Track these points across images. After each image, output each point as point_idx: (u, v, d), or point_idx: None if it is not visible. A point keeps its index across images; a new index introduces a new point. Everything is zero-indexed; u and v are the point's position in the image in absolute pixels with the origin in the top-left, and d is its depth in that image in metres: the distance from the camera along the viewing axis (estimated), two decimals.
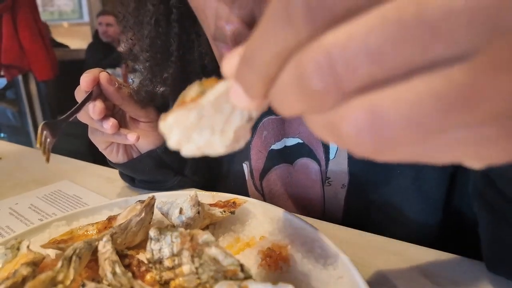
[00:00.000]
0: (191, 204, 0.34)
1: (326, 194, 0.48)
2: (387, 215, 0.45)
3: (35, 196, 0.58)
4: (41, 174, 0.67)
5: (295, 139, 0.50)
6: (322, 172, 0.48)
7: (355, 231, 0.43)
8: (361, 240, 0.41)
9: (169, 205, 0.37)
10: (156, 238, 0.29)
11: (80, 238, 0.34)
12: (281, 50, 0.12)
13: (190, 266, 0.27)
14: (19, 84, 2.77)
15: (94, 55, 3.28)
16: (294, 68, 0.12)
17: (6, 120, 3.48)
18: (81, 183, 0.62)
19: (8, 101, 3.50)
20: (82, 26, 4.39)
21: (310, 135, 0.49)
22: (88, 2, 4.23)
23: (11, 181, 0.65)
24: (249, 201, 0.41)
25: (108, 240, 0.29)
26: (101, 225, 0.36)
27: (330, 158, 0.48)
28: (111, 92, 0.45)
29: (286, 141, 0.51)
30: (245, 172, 0.55)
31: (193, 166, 0.57)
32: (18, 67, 2.50)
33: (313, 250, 0.33)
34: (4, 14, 2.35)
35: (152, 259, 0.29)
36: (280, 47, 0.12)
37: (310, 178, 0.49)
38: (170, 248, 0.28)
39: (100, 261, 0.28)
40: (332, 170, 0.48)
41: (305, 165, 0.49)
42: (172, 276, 0.28)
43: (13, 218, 0.51)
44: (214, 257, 0.26)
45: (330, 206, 0.48)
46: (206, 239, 0.27)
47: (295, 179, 0.51)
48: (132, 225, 0.33)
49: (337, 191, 0.47)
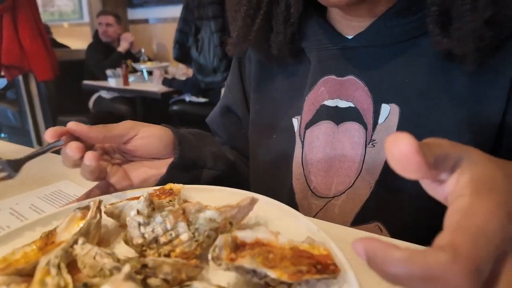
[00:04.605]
0: (147, 204, 0.35)
1: (367, 154, 0.50)
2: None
3: (36, 196, 0.58)
4: (42, 174, 0.67)
5: (348, 102, 0.51)
6: (368, 135, 0.50)
7: (355, 231, 0.43)
8: None
9: (120, 208, 0.38)
10: (146, 222, 0.32)
11: (20, 262, 0.31)
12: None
13: (188, 233, 0.31)
14: (19, 84, 2.77)
15: (94, 55, 3.29)
16: None
17: (6, 120, 3.48)
18: (81, 183, 0.62)
19: (9, 101, 3.51)
20: (82, 26, 4.39)
21: (363, 100, 0.50)
22: (88, 3, 4.23)
23: (11, 181, 0.65)
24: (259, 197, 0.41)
25: (84, 242, 0.29)
26: (41, 242, 0.34)
27: (378, 123, 0.49)
28: (85, 132, 0.44)
29: (338, 102, 0.52)
30: (295, 126, 0.56)
31: (212, 157, 0.57)
32: (19, 68, 2.51)
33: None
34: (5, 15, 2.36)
35: (146, 242, 0.31)
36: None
37: (352, 140, 0.51)
38: (163, 225, 0.31)
39: (84, 263, 0.28)
40: (379, 132, 0.49)
41: (349, 129, 0.51)
42: (171, 249, 0.31)
43: (14, 218, 0.51)
44: (210, 218, 0.32)
45: (368, 167, 0.50)
46: (198, 208, 0.32)
47: (337, 140, 0.52)
48: (91, 228, 0.34)
49: (380, 151, 0.49)
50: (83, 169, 0.45)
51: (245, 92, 0.66)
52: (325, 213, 0.53)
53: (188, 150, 0.53)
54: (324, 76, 0.54)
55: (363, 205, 0.50)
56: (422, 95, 0.47)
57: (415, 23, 0.46)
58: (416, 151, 0.20)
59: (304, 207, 0.55)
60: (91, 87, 3.20)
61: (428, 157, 0.21)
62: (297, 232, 0.34)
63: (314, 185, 0.54)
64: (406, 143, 0.20)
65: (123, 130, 0.48)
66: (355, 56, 0.51)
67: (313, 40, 0.54)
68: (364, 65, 0.50)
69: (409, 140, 0.20)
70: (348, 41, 0.51)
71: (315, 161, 0.54)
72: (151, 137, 0.50)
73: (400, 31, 0.47)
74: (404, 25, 0.47)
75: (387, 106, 0.48)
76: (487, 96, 0.44)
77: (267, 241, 0.29)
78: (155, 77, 3.00)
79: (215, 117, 0.71)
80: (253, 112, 0.63)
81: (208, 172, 0.56)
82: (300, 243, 0.29)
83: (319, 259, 0.28)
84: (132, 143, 0.49)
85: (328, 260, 0.28)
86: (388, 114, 0.49)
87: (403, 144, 0.20)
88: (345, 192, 0.51)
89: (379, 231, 0.50)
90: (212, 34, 2.56)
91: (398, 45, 0.48)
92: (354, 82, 0.51)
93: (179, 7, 2.82)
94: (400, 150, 0.20)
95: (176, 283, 0.27)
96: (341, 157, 0.52)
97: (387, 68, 0.49)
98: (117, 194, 0.45)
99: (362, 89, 0.50)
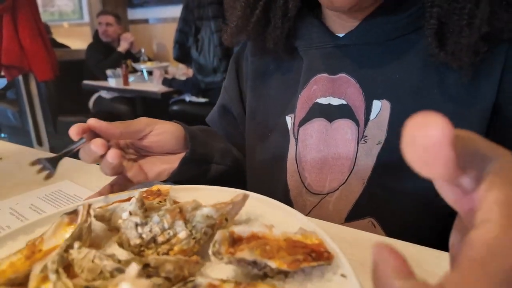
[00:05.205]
0: (139, 205, 0.35)
1: (359, 151, 0.50)
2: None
3: (36, 196, 0.58)
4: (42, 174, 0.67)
5: (340, 100, 0.52)
6: (360, 132, 0.50)
7: (355, 231, 0.43)
8: (360, 240, 0.41)
9: (110, 211, 0.37)
10: (143, 222, 0.32)
11: (7, 273, 0.30)
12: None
13: (185, 231, 0.32)
14: (19, 84, 2.77)
15: (94, 55, 3.29)
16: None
17: (6, 120, 3.48)
18: (81, 183, 0.62)
19: (9, 101, 3.51)
20: (82, 26, 4.39)
21: (355, 97, 0.51)
22: (88, 3, 4.23)
23: (11, 181, 0.65)
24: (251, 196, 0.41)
25: (80, 246, 0.29)
26: (28, 251, 0.33)
27: (370, 119, 0.50)
28: (105, 128, 0.46)
29: (331, 100, 0.53)
30: (288, 124, 0.57)
31: (220, 151, 0.59)
32: (19, 68, 2.50)
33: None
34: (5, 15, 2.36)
35: (144, 242, 0.31)
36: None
37: (345, 137, 0.51)
38: (161, 225, 0.32)
39: (81, 267, 0.28)
40: (370, 129, 0.50)
41: (342, 126, 0.52)
42: (169, 247, 0.31)
43: (14, 218, 0.51)
44: (207, 215, 0.32)
45: (360, 163, 0.50)
46: (194, 205, 0.33)
47: (330, 137, 0.53)
48: (83, 232, 0.34)
49: (372, 147, 0.49)
50: (104, 165, 0.47)
51: (241, 92, 0.67)
52: (320, 209, 0.53)
53: (199, 146, 0.54)
54: (317, 75, 0.54)
55: (356, 201, 0.51)
56: (413, 91, 0.47)
57: (406, 20, 0.47)
58: (451, 141, 0.15)
59: (298, 204, 0.55)
60: (91, 87, 3.20)
61: (461, 152, 0.16)
62: (289, 224, 0.35)
63: (308, 182, 0.54)
64: (439, 127, 0.15)
65: (140, 126, 0.50)
66: (346, 54, 0.52)
67: (305, 39, 0.55)
68: (356, 63, 0.51)
69: (444, 123, 0.15)
70: (339, 39, 0.52)
71: (309, 158, 0.54)
72: (165, 133, 0.52)
73: (391, 28, 0.48)
74: (395, 22, 0.47)
75: (378, 102, 0.49)
76: (479, 91, 0.44)
77: (262, 234, 0.30)
78: (155, 77, 3.00)
79: (213, 117, 0.72)
80: (249, 111, 0.64)
81: (217, 167, 0.58)
82: (293, 234, 0.30)
83: (312, 247, 0.29)
84: (148, 139, 0.51)
85: (321, 248, 0.29)
86: (379, 110, 0.49)
87: (435, 128, 0.15)
88: (339, 188, 0.52)
89: (373, 227, 0.51)
90: (212, 34, 2.57)
91: (389, 42, 0.49)
92: (346, 80, 0.52)
93: (179, 7, 2.82)
94: (429, 135, 0.15)
95: (178, 281, 0.27)
96: (334, 154, 0.52)
97: (378, 64, 0.50)
98: (102, 198, 0.44)
99: (354, 86, 0.51)
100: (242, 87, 0.67)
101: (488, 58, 0.43)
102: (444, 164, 0.15)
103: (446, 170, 0.15)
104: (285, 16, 0.54)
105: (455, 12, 0.41)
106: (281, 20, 0.53)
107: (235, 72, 0.68)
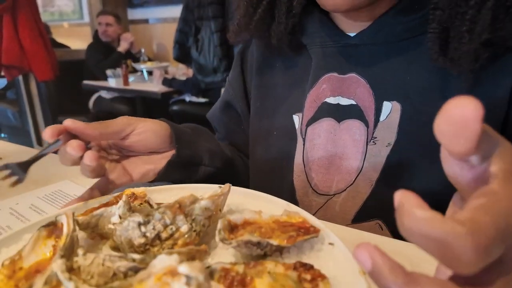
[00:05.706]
0: (127, 207, 0.35)
1: (368, 152, 0.50)
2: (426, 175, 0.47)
3: (36, 196, 0.58)
4: (42, 174, 0.67)
5: (350, 100, 0.51)
6: (369, 133, 0.50)
7: (355, 231, 0.43)
8: (361, 240, 0.41)
9: (97, 217, 0.37)
10: (146, 221, 0.32)
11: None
12: None
13: (186, 225, 0.33)
14: (19, 84, 2.77)
15: (94, 55, 3.29)
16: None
17: (6, 120, 3.48)
18: (81, 183, 0.62)
19: (9, 101, 3.51)
20: (82, 26, 4.39)
21: (365, 98, 0.50)
22: (88, 3, 4.23)
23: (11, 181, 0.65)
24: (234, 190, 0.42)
25: (84, 252, 0.28)
26: (8, 270, 0.31)
27: (380, 120, 0.49)
28: (81, 129, 0.44)
29: (340, 100, 0.52)
30: (296, 123, 0.57)
31: (208, 154, 0.58)
32: (19, 68, 2.51)
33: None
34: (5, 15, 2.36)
35: (149, 239, 0.32)
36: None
37: (354, 138, 0.51)
38: (163, 221, 0.32)
39: (90, 273, 0.27)
40: (380, 130, 0.49)
41: (351, 126, 0.51)
42: (173, 242, 0.32)
43: (14, 218, 0.51)
44: (205, 207, 0.34)
45: (369, 165, 0.50)
46: (192, 199, 0.34)
47: (338, 137, 0.52)
48: (74, 241, 0.33)
49: (381, 149, 0.49)
50: (83, 167, 0.45)
51: (246, 89, 0.66)
52: (326, 210, 0.53)
53: (185, 147, 0.53)
54: (326, 74, 0.54)
55: (363, 203, 0.50)
56: (423, 92, 0.47)
57: (417, 21, 0.46)
58: (481, 118, 0.18)
59: (304, 204, 0.55)
60: (91, 87, 3.20)
61: (485, 131, 0.19)
62: (272, 210, 0.38)
63: (315, 182, 0.54)
64: (474, 108, 0.18)
65: (120, 126, 0.48)
66: (357, 53, 0.51)
67: (315, 37, 0.55)
68: (366, 63, 0.50)
69: (477, 105, 0.18)
70: (350, 38, 0.51)
71: (316, 159, 0.54)
72: (147, 132, 0.50)
73: (402, 29, 0.47)
74: (406, 23, 0.47)
75: (388, 104, 0.49)
76: (489, 92, 0.44)
77: (253, 219, 0.34)
78: (155, 77, 3.00)
79: (215, 112, 0.71)
80: (254, 108, 0.63)
81: (205, 169, 0.56)
82: (280, 216, 0.35)
83: (299, 225, 0.34)
84: (130, 139, 0.49)
85: (306, 224, 0.34)
86: (389, 111, 0.49)
87: (471, 108, 0.18)
88: (346, 189, 0.51)
89: (380, 229, 0.50)
90: (212, 34, 2.57)
91: (400, 43, 0.48)
92: (356, 80, 0.51)
93: (179, 7, 2.82)
94: (464, 112, 0.18)
95: None
96: (342, 154, 0.52)
97: (389, 65, 0.49)
98: (80, 205, 0.43)
99: (364, 87, 0.50)
100: (246, 83, 0.66)
101: (499, 65, 0.43)
102: (472, 138, 0.18)
103: (471, 143, 0.18)
104: (290, 12, 0.53)
105: (457, 17, 0.41)
106: (285, 15, 0.53)
107: (240, 67, 0.67)
